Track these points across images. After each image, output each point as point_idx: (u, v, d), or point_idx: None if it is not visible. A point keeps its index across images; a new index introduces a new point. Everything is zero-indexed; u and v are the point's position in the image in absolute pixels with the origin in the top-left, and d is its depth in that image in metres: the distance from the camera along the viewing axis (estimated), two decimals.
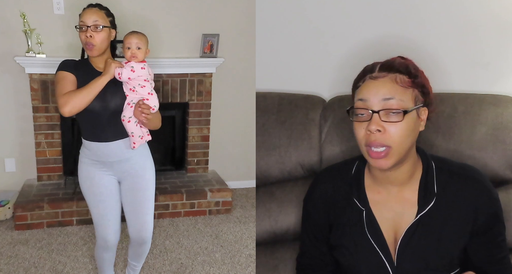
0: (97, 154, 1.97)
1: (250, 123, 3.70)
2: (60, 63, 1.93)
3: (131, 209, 2.06)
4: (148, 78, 1.93)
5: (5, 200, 3.25)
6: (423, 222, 1.42)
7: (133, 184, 2.03)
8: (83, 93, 1.81)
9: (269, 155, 1.91)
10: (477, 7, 1.87)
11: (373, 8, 1.95)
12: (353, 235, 1.48)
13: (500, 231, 1.43)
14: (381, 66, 1.40)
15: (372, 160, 1.36)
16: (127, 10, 3.21)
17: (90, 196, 2.01)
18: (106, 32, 1.89)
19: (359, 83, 1.42)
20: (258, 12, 2.05)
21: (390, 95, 1.34)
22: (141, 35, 1.92)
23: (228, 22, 3.53)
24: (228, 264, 2.74)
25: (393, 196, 1.46)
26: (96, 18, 1.86)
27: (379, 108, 1.33)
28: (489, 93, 1.82)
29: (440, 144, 1.75)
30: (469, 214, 1.40)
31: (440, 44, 1.92)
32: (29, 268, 2.61)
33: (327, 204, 1.54)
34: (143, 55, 1.92)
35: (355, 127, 1.38)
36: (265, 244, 1.91)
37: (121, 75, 1.87)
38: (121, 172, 2.01)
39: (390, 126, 1.32)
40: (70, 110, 1.80)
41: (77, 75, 1.89)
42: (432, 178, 1.43)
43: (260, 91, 2.03)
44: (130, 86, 1.90)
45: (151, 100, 1.91)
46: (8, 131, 3.33)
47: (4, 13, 3.08)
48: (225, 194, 3.45)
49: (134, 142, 1.95)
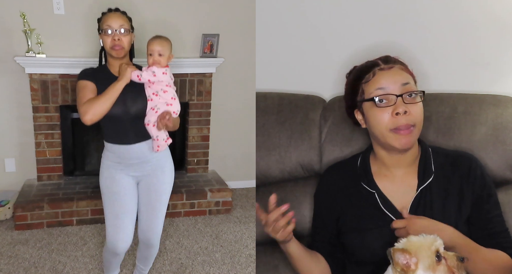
0: (119, 156, 1.99)
1: (250, 123, 3.70)
2: (79, 72, 1.98)
3: (145, 209, 2.07)
4: (170, 83, 1.96)
5: (5, 200, 3.25)
6: (425, 195, 1.54)
7: (151, 185, 2.05)
8: (101, 100, 1.84)
9: (269, 155, 1.91)
10: (477, 7, 1.87)
11: (373, 8, 1.95)
12: (364, 218, 1.57)
13: (493, 205, 1.54)
14: (383, 61, 1.55)
15: (398, 140, 1.49)
16: (127, 10, 3.20)
17: (107, 195, 2.01)
18: (130, 35, 1.98)
19: (367, 78, 1.54)
20: (258, 12, 2.05)
21: (406, 81, 1.51)
22: (164, 41, 1.95)
23: (228, 22, 3.53)
24: (228, 264, 2.74)
25: (398, 179, 1.59)
26: (122, 22, 1.94)
27: (400, 93, 1.48)
28: (489, 93, 1.82)
29: (440, 144, 1.75)
30: (466, 188, 1.53)
31: (440, 45, 1.92)
32: (29, 268, 2.61)
33: (336, 193, 1.65)
34: (166, 61, 1.95)
35: (377, 114, 1.50)
36: (265, 244, 1.91)
37: (140, 76, 1.90)
38: (141, 172, 2.04)
39: (412, 107, 1.48)
40: (91, 119, 1.84)
41: (97, 83, 1.92)
42: (430, 159, 1.59)
43: (260, 91, 2.03)
44: (153, 91, 1.92)
45: (174, 105, 1.95)
46: (8, 131, 3.32)
47: (4, 13, 3.08)
48: (225, 194, 3.45)
49: (159, 145, 1.98)
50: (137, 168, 2.02)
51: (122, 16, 1.98)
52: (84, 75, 1.95)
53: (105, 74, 1.97)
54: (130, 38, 1.96)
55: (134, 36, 2.02)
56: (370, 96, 1.52)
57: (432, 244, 1.33)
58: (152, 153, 2.02)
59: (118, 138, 1.97)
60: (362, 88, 1.55)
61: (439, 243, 1.33)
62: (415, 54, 1.76)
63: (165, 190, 2.09)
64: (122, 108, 1.91)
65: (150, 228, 2.08)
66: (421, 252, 1.32)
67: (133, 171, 2.03)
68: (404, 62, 1.57)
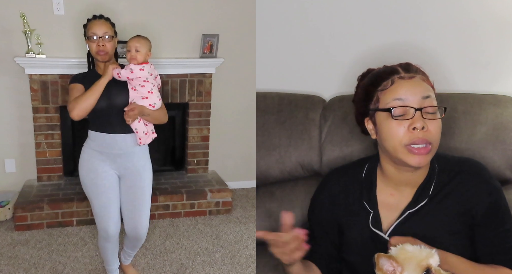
0: (102, 145, 2.10)
1: (250, 123, 3.70)
2: (71, 77, 2.17)
3: (129, 207, 2.17)
4: (148, 79, 2.07)
5: (5, 201, 3.24)
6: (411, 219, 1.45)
7: (133, 182, 2.15)
8: (86, 96, 2.00)
9: (269, 155, 1.91)
10: (477, 7, 1.87)
11: (373, 9, 1.95)
12: (360, 235, 1.50)
13: (504, 220, 1.43)
14: (403, 68, 1.43)
15: (412, 158, 1.37)
16: (127, 10, 3.21)
17: (92, 188, 2.12)
18: (114, 40, 2.15)
19: (385, 85, 1.42)
20: (258, 12, 2.05)
21: (427, 93, 1.38)
22: (142, 39, 2.09)
23: (228, 22, 3.52)
24: (228, 264, 2.74)
25: (404, 199, 1.48)
26: (106, 30, 2.10)
27: (419, 106, 1.36)
28: (489, 93, 1.82)
29: (440, 144, 1.74)
30: (463, 209, 1.42)
31: (440, 45, 1.92)
32: (29, 268, 2.61)
33: (335, 205, 1.56)
34: (142, 58, 2.06)
35: (392, 127, 1.38)
36: (265, 244, 1.90)
37: (120, 74, 2.04)
38: (123, 167, 2.14)
39: (430, 123, 1.36)
40: (78, 114, 1.98)
41: (85, 85, 2.07)
42: (432, 181, 1.46)
43: (260, 91, 2.03)
44: (132, 86, 2.07)
45: (150, 98, 2.06)
46: (8, 132, 3.32)
47: (4, 14, 3.08)
48: (225, 194, 3.45)
49: (140, 137, 2.10)
50: (119, 161, 2.12)
51: (106, 23, 2.13)
52: (74, 79, 2.13)
53: (93, 75, 2.11)
54: (113, 43, 2.13)
55: (117, 39, 2.19)
56: (386, 106, 1.39)
57: (425, 258, 1.26)
58: (135, 146, 2.13)
59: (104, 127, 2.09)
60: (378, 96, 1.42)
61: (433, 259, 1.26)
62: (415, 55, 1.76)
63: (147, 186, 2.20)
64: (107, 102, 2.04)
65: (137, 225, 2.19)
66: (409, 263, 1.27)
67: (114, 163, 2.13)
68: (425, 73, 1.45)
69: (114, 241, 2.24)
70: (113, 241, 2.24)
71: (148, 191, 2.20)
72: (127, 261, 2.52)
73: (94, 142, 2.12)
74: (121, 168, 2.14)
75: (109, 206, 2.12)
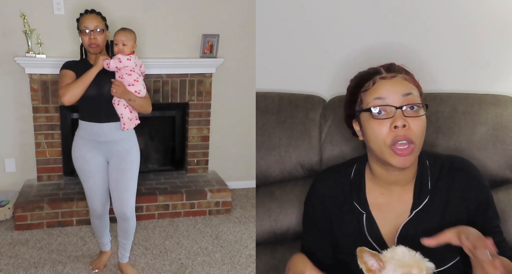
0: (90, 133, 2.28)
1: (250, 123, 3.70)
2: (63, 63, 2.30)
3: (115, 187, 2.34)
4: (135, 69, 2.25)
5: (5, 200, 3.24)
6: (419, 218, 1.44)
7: (119, 164, 2.32)
8: (77, 84, 2.16)
9: (269, 155, 1.91)
10: (477, 7, 1.87)
11: (373, 8, 1.95)
12: (352, 236, 1.50)
13: (492, 217, 1.45)
14: (386, 69, 1.44)
15: (396, 158, 1.37)
16: (127, 11, 3.21)
17: (81, 172, 2.35)
18: (105, 33, 2.28)
19: (367, 86, 1.43)
20: (258, 12, 2.05)
21: (408, 91, 1.38)
22: (127, 32, 2.25)
23: (228, 22, 3.52)
24: (228, 264, 2.74)
25: (395, 197, 1.48)
26: (97, 23, 2.23)
27: (400, 105, 1.36)
28: (489, 93, 1.82)
29: (440, 144, 1.75)
30: (460, 204, 1.43)
31: (440, 45, 1.92)
32: (29, 268, 2.61)
33: (326, 205, 1.55)
34: (129, 50, 2.24)
35: (374, 127, 1.38)
36: (265, 244, 1.91)
37: (109, 64, 2.20)
38: (109, 152, 2.31)
39: (412, 121, 1.36)
40: (68, 99, 2.15)
41: (77, 72, 2.22)
42: (427, 176, 1.47)
43: (260, 91, 2.03)
44: (119, 75, 2.23)
45: (136, 85, 2.24)
46: (8, 132, 3.32)
47: (4, 13, 3.08)
48: (225, 194, 3.45)
49: (124, 123, 2.25)
50: (105, 147, 2.29)
51: (97, 17, 2.26)
52: (65, 66, 2.28)
53: (85, 65, 2.27)
54: (105, 36, 2.27)
55: (108, 33, 2.31)
56: (367, 106, 1.40)
57: (409, 266, 1.23)
58: (120, 133, 2.28)
59: (91, 116, 2.25)
60: (361, 97, 1.44)
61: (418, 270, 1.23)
62: (415, 54, 1.76)
63: (131, 168, 2.34)
64: (96, 90, 2.20)
65: (122, 203, 2.34)
66: (391, 264, 1.25)
67: (101, 150, 2.30)
68: (409, 72, 1.45)
69: (103, 219, 2.50)
70: (102, 219, 2.50)
71: (132, 173, 2.34)
72: (124, 258, 2.54)
73: (83, 130, 2.29)
74: (108, 153, 2.31)
75: (97, 188, 2.36)
